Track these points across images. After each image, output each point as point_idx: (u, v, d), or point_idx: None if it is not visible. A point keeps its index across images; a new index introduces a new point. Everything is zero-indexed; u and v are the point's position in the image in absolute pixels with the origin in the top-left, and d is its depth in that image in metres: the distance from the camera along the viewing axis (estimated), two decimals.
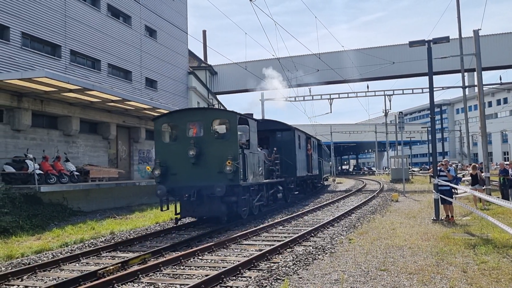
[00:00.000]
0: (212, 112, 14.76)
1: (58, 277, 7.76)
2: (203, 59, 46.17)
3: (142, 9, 28.82)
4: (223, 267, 7.81)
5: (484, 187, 17.62)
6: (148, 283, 7.20)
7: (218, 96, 46.23)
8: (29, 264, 8.93)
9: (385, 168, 79.46)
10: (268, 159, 17.19)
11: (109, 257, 9.61)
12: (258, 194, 15.30)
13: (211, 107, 18.97)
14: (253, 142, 14.75)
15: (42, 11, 20.64)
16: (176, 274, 7.69)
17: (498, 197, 12.85)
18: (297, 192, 21.25)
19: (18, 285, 7.34)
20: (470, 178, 18.15)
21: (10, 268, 8.62)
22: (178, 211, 13.75)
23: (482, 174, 17.92)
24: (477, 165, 17.90)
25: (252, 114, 15.61)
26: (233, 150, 12.91)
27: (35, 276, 7.95)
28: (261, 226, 12.81)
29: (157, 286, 7.02)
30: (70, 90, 16.65)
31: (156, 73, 31.40)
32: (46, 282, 7.47)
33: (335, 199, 22.37)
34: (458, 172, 21.52)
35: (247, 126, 14.50)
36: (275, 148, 18.08)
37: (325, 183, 38.14)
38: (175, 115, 14.20)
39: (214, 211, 13.14)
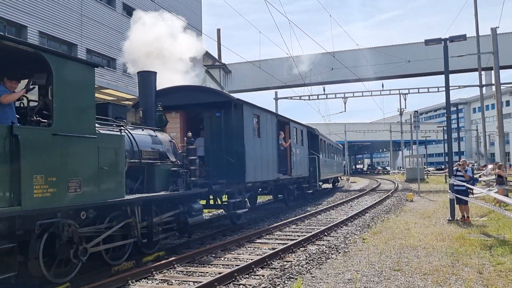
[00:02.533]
0: None
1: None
2: (217, 57, 46.27)
3: (157, 8, 28.98)
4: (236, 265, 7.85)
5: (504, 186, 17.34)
6: (162, 279, 7.25)
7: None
8: None
9: (400, 167, 78.80)
10: (180, 153, 10.08)
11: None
12: (105, 231, 7.45)
13: None
14: (70, 113, 6.23)
15: (59, 10, 20.94)
16: (190, 272, 7.74)
17: None
18: (245, 210, 13.24)
19: None
20: (488, 178, 17.90)
21: None
22: None
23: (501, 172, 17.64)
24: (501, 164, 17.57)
25: (155, 72, 10.14)
26: None
27: None
28: None
29: (170, 283, 7.08)
30: None
31: None
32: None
33: (348, 198, 22.25)
34: (474, 172, 21.21)
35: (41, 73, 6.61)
36: (189, 134, 10.21)
37: (337, 184, 33.38)
38: None
39: None
